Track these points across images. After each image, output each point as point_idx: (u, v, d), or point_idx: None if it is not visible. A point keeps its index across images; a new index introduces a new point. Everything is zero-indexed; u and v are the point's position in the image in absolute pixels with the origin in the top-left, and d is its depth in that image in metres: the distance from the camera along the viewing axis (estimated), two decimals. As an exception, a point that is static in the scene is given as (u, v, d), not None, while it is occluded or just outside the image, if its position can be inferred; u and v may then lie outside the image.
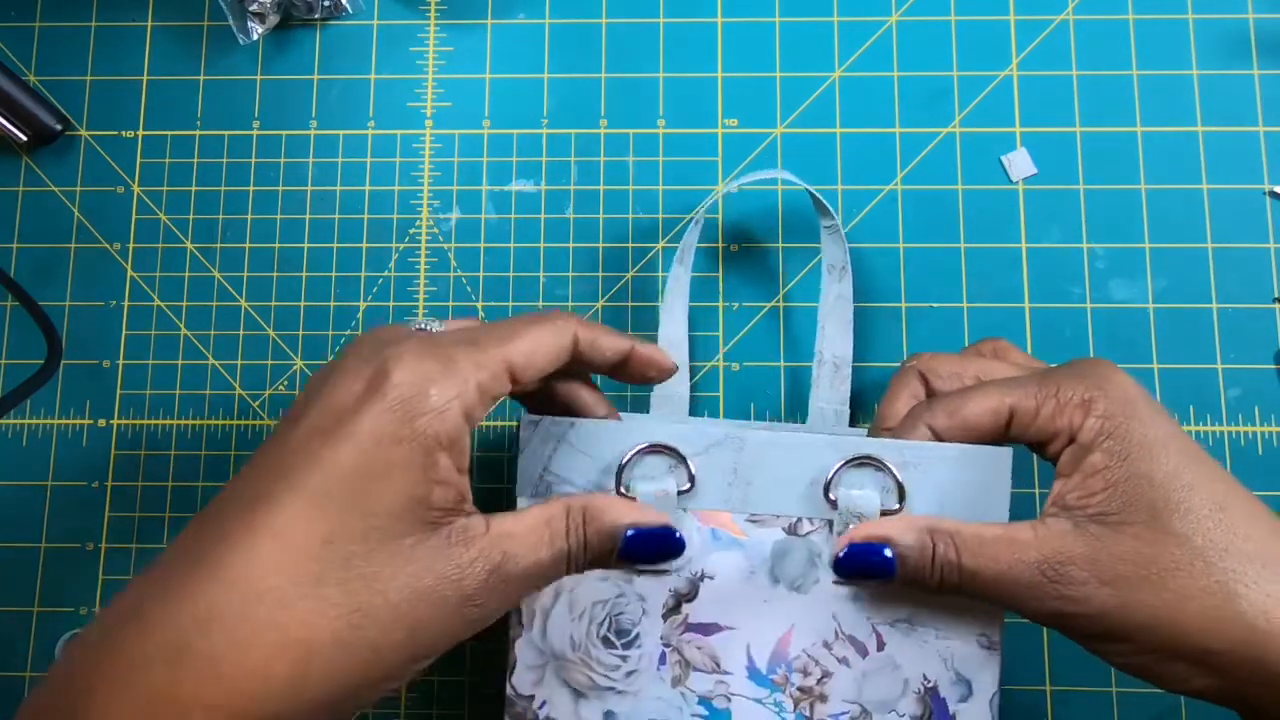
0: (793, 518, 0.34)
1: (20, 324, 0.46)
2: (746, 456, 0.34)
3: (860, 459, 0.33)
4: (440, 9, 0.48)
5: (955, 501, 0.33)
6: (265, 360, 0.45)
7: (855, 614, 0.34)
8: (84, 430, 0.45)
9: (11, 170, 0.47)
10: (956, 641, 0.33)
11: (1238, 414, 0.43)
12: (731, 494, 0.34)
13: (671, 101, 0.46)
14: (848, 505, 0.33)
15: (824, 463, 0.33)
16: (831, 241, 0.42)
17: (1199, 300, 0.44)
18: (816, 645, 0.34)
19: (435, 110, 0.47)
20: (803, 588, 0.34)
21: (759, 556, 0.34)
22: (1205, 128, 0.45)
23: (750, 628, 0.34)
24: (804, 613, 0.34)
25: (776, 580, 0.34)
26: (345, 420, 0.27)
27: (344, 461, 0.27)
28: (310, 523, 0.26)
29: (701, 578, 0.34)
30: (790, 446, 0.34)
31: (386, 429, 0.27)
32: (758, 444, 0.34)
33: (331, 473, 0.27)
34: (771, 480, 0.34)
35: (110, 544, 0.44)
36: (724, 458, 0.34)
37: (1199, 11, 0.46)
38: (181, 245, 0.46)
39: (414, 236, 0.46)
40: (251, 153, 0.47)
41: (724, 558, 0.34)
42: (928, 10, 0.46)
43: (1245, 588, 0.28)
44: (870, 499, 0.33)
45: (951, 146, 0.45)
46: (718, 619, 0.34)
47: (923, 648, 0.34)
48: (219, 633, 0.25)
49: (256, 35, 0.46)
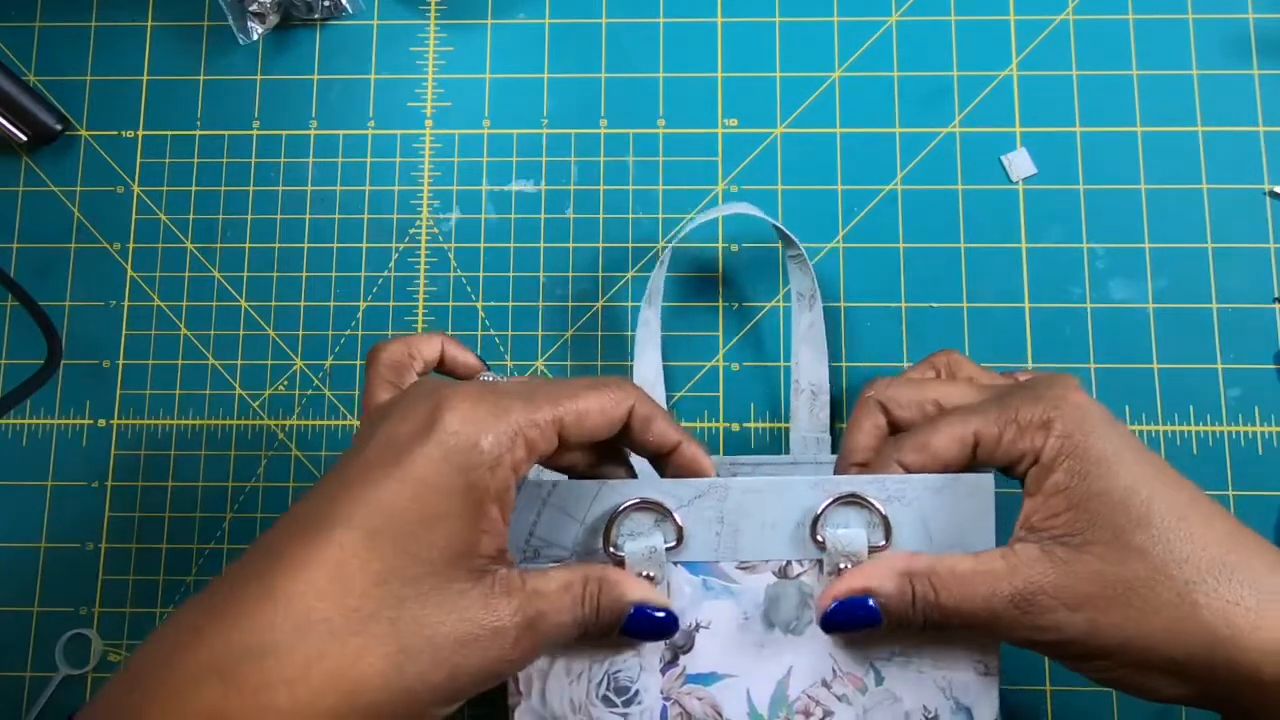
0: (782, 560, 0.34)
1: (20, 324, 0.46)
2: (731, 504, 0.34)
3: (844, 497, 0.33)
4: (440, 9, 0.48)
5: (942, 530, 0.33)
6: (265, 360, 0.45)
7: (852, 651, 0.34)
8: (84, 430, 0.45)
9: (11, 170, 0.47)
10: (954, 671, 0.34)
11: (1238, 414, 0.43)
12: (720, 543, 0.34)
13: (671, 101, 0.46)
14: (835, 545, 0.33)
15: (809, 503, 0.33)
16: (799, 270, 0.42)
17: (1199, 300, 0.44)
18: (816, 685, 0.34)
19: (435, 110, 0.47)
20: (797, 629, 0.34)
21: (752, 602, 0.34)
22: (1205, 128, 0.45)
23: (749, 674, 0.34)
24: (801, 654, 0.34)
25: (771, 624, 0.34)
26: (400, 460, 0.28)
27: (398, 503, 0.27)
28: (365, 560, 0.27)
29: (696, 628, 0.34)
30: (775, 490, 0.34)
31: (440, 478, 0.28)
32: (742, 491, 0.34)
33: (387, 513, 0.27)
34: (759, 525, 0.34)
35: (110, 544, 0.44)
36: (709, 508, 0.34)
37: (1199, 11, 0.46)
38: (181, 245, 0.46)
39: (414, 236, 0.46)
40: (251, 153, 0.47)
41: (717, 606, 0.34)
42: (928, 10, 0.46)
43: (1205, 596, 0.28)
44: (858, 537, 0.33)
45: (951, 146, 0.45)
46: (715, 668, 0.34)
47: (921, 679, 0.34)
48: (271, 660, 0.26)
49: (256, 35, 0.46)
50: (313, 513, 0.28)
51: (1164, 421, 0.43)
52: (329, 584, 0.26)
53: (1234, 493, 0.42)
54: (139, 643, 0.43)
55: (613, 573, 0.31)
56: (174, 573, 0.44)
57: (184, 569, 0.44)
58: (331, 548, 0.27)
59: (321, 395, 0.45)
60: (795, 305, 0.42)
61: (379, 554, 0.27)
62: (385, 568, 0.27)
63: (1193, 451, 0.43)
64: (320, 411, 0.45)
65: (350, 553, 0.27)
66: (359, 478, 0.28)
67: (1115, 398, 0.43)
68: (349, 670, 0.26)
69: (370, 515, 0.27)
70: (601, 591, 0.31)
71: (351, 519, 0.27)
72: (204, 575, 0.44)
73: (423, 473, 0.28)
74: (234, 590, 0.27)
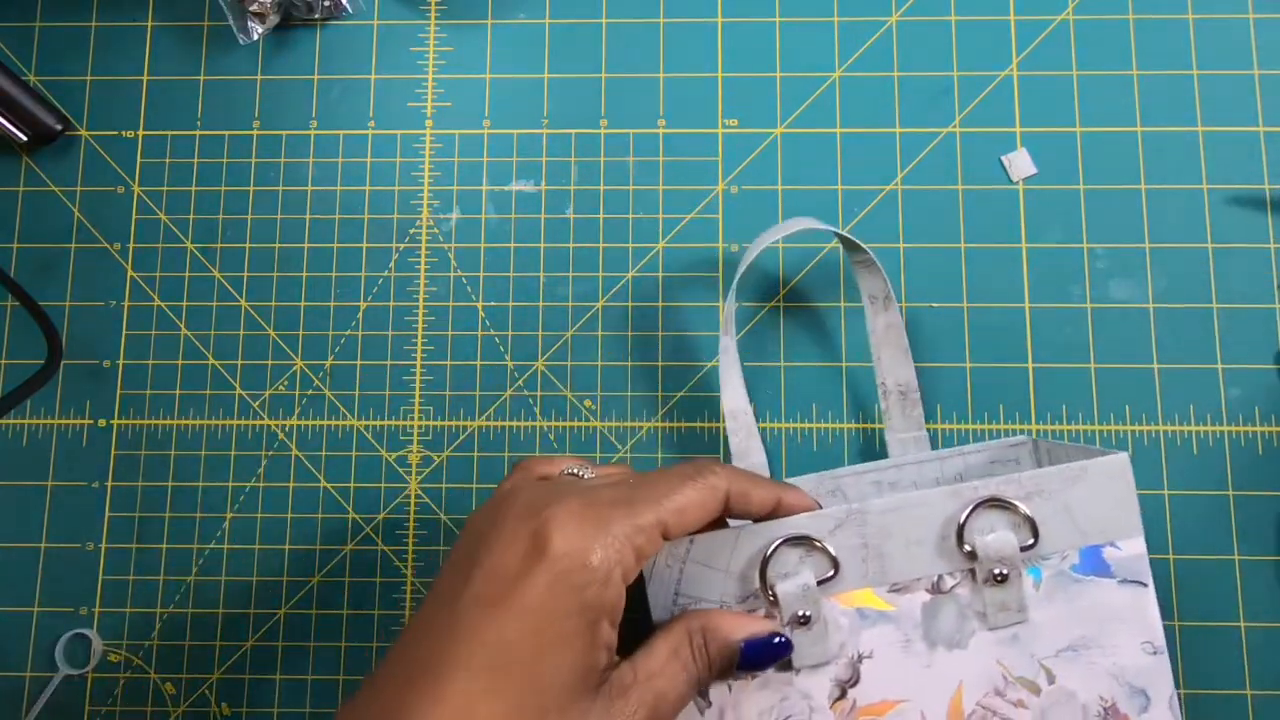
0: (933, 576, 0.34)
1: (20, 324, 0.46)
2: (872, 528, 0.34)
3: (984, 502, 0.33)
4: (440, 9, 0.48)
5: (1088, 519, 0.33)
6: (265, 360, 0.45)
7: (1019, 655, 0.34)
8: (84, 430, 0.45)
9: (11, 170, 0.47)
10: (1123, 656, 0.33)
11: (1238, 414, 0.43)
12: (868, 569, 0.34)
13: (671, 101, 0.46)
14: (986, 551, 0.33)
15: (949, 513, 0.33)
16: (869, 275, 0.42)
17: (1199, 300, 0.44)
18: (990, 695, 0.34)
19: (435, 110, 0.47)
20: (960, 643, 0.34)
21: (910, 623, 0.34)
22: (1205, 128, 0.45)
23: (920, 696, 0.34)
24: (968, 667, 0.34)
25: (934, 643, 0.34)
26: (512, 591, 0.28)
27: (516, 637, 0.27)
28: (490, 703, 0.27)
29: (860, 659, 0.34)
30: (913, 506, 0.34)
31: (555, 603, 0.28)
32: (880, 512, 0.34)
33: (506, 649, 0.27)
34: (903, 545, 0.34)
35: (110, 544, 0.44)
36: (850, 535, 0.34)
37: (1199, 11, 0.46)
38: (181, 245, 0.46)
39: (414, 236, 0.46)
40: (251, 153, 0.47)
41: (876, 633, 0.34)
42: (928, 10, 0.46)
43: None
44: (1007, 539, 0.33)
45: (951, 146, 0.45)
46: (885, 695, 0.34)
47: (1092, 670, 0.33)
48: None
49: (256, 35, 0.46)
50: (429, 658, 0.28)
51: (1164, 421, 0.43)
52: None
53: (1234, 493, 0.42)
54: (139, 642, 0.43)
55: (713, 617, 0.32)
56: (174, 573, 0.44)
57: (184, 569, 0.44)
58: (456, 697, 0.27)
59: (321, 395, 0.45)
60: (869, 308, 0.42)
61: (502, 693, 0.27)
62: (510, 706, 0.27)
63: (1193, 452, 0.43)
64: (320, 411, 0.45)
65: (476, 698, 0.27)
66: (471, 615, 0.28)
67: (1115, 398, 0.43)
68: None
69: (490, 655, 0.27)
70: (707, 641, 0.31)
71: (471, 661, 0.27)
72: (204, 575, 0.44)
73: (538, 602, 0.28)
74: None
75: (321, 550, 0.44)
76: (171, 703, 0.43)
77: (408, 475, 0.44)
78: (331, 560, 0.44)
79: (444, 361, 0.45)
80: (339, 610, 0.43)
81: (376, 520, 0.44)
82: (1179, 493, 0.42)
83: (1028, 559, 0.34)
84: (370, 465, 0.44)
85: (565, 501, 0.29)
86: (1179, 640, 0.41)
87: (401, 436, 0.44)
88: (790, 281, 0.45)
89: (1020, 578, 0.33)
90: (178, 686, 0.43)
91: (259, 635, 0.43)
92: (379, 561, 0.44)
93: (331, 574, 0.44)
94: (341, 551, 0.44)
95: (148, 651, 0.43)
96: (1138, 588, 0.33)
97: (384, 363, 0.45)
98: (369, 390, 0.45)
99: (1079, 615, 0.33)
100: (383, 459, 0.44)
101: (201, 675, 0.43)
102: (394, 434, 0.45)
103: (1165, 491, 0.43)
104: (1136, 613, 0.33)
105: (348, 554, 0.44)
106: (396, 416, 0.45)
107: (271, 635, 0.43)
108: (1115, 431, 0.43)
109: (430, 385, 0.45)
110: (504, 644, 0.27)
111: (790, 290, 0.45)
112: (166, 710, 0.43)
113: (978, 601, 0.34)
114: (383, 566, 0.44)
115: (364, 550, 0.44)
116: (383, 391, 0.45)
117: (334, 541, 0.44)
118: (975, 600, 0.34)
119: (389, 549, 0.44)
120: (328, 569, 0.44)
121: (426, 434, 0.44)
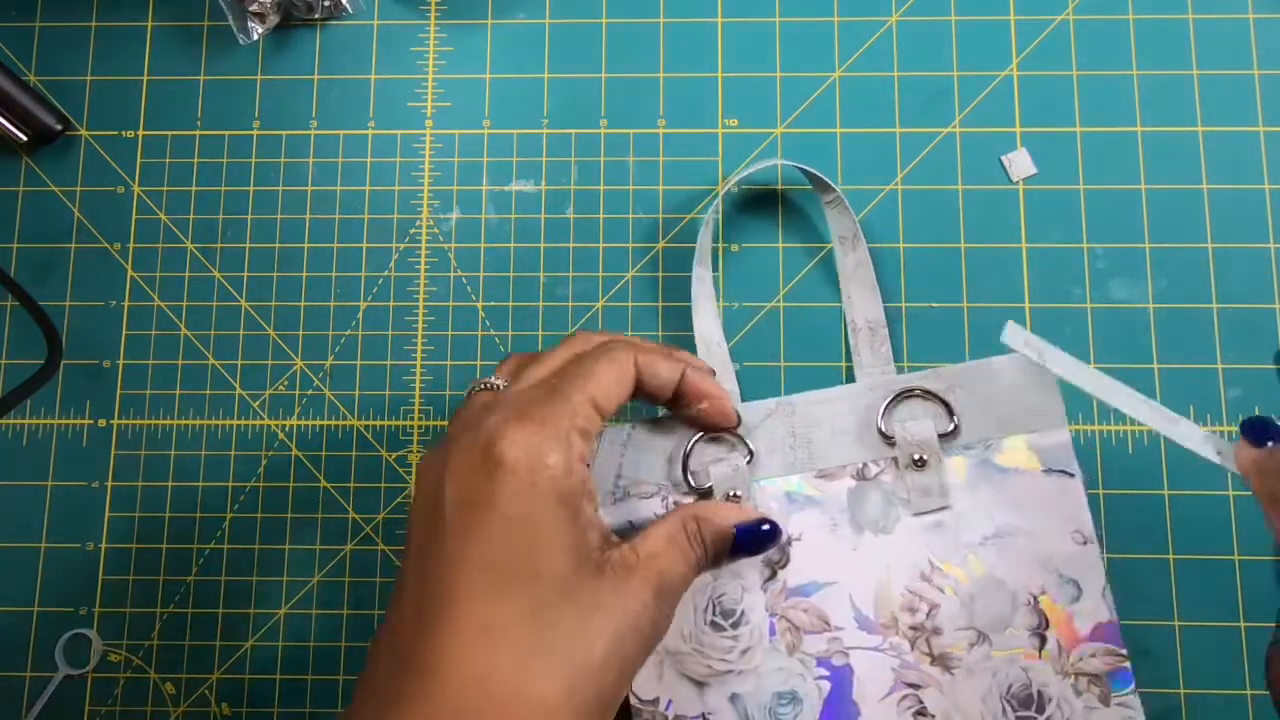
0: (858, 463, 0.35)
1: (20, 324, 0.46)
2: (799, 418, 0.36)
3: (905, 392, 0.35)
4: (440, 9, 0.48)
5: (1009, 410, 0.35)
6: (265, 360, 0.45)
7: (946, 542, 0.35)
8: (84, 430, 0.45)
9: (11, 170, 0.47)
10: (1051, 544, 0.34)
11: (1238, 414, 0.43)
12: (795, 456, 0.35)
13: (671, 101, 0.46)
14: (905, 437, 0.35)
15: (870, 403, 0.35)
16: (837, 215, 0.42)
17: (1199, 300, 0.44)
18: (915, 580, 0.35)
19: (435, 110, 0.47)
20: (886, 528, 0.35)
21: (836, 507, 0.35)
22: (1205, 128, 0.45)
23: (848, 578, 0.35)
24: (895, 552, 0.35)
25: (860, 527, 0.35)
26: (488, 512, 0.29)
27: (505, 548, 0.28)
28: (504, 606, 0.28)
29: (789, 542, 0.35)
30: (837, 398, 0.36)
31: (530, 505, 0.29)
32: (807, 403, 0.36)
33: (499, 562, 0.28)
34: (829, 434, 0.35)
35: (110, 544, 0.44)
36: (779, 425, 0.36)
37: (1199, 11, 0.46)
38: (181, 245, 0.46)
39: (414, 236, 0.46)
40: (251, 153, 0.47)
41: (805, 517, 0.35)
42: (928, 10, 0.46)
43: None
44: (925, 427, 0.35)
45: (951, 146, 0.45)
46: (815, 577, 0.35)
47: (1019, 558, 0.34)
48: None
49: (256, 35, 0.46)
50: (434, 594, 0.28)
51: (1164, 421, 0.43)
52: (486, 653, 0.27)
53: (1234, 493, 0.42)
54: (139, 642, 0.43)
55: (704, 508, 0.33)
56: (174, 573, 0.44)
57: (184, 569, 0.44)
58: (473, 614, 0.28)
59: (321, 395, 0.45)
60: (839, 248, 0.43)
61: (513, 597, 0.28)
62: (523, 605, 0.28)
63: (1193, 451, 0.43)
64: (320, 411, 0.45)
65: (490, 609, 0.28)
66: (458, 547, 0.29)
67: (1115, 398, 0.43)
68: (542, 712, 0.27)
69: (488, 574, 0.28)
70: (701, 527, 0.32)
71: (473, 586, 0.28)
72: (204, 575, 0.44)
73: (514, 510, 0.29)
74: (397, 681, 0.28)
75: (321, 550, 0.44)
76: (171, 703, 0.43)
77: (408, 475, 0.44)
78: (331, 560, 0.44)
79: (444, 361, 0.45)
80: (339, 610, 0.43)
81: (376, 520, 0.44)
82: (1179, 493, 0.42)
83: (949, 447, 0.35)
84: (370, 465, 0.44)
85: (501, 415, 0.30)
86: (1179, 640, 0.41)
87: (401, 436, 0.45)
88: (790, 281, 0.45)
89: (940, 464, 0.35)
90: (178, 686, 0.43)
91: (259, 635, 0.43)
92: (379, 561, 0.44)
93: (331, 574, 0.44)
94: (341, 551, 0.44)
95: (148, 651, 0.43)
96: (1064, 477, 0.34)
97: (384, 363, 0.45)
98: (369, 390, 0.45)
99: (1004, 504, 0.34)
100: (383, 459, 0.44)
101: (201, 675, 0.43)
102: (394, 434, 0.45)
103: (1165, 491, 0.43)
104: (1063, 502, 0.34)
105: (348, 554, 0.44)
106: (396, 416, 0.45)
107: (271, 635, 0.43)
108: (1115, 431, 0.43)
109: (430, 385, 0.45)
110: (497, 559, 0.28)
111: (790, 290, 0.45)
112: (166, 710, 0.43)
113: (901, 488, 0.35)
114: (383, 566, 0.44)
115: (364, 550, 0.44)
116: (383, 391, 0.45)
117: (334, 541, 0.44)
118: (899, 487, 0.35)
119: (389, 549, 0.44)
120: (328, 569, 0.44)
121: (426, 434, 0.44)
